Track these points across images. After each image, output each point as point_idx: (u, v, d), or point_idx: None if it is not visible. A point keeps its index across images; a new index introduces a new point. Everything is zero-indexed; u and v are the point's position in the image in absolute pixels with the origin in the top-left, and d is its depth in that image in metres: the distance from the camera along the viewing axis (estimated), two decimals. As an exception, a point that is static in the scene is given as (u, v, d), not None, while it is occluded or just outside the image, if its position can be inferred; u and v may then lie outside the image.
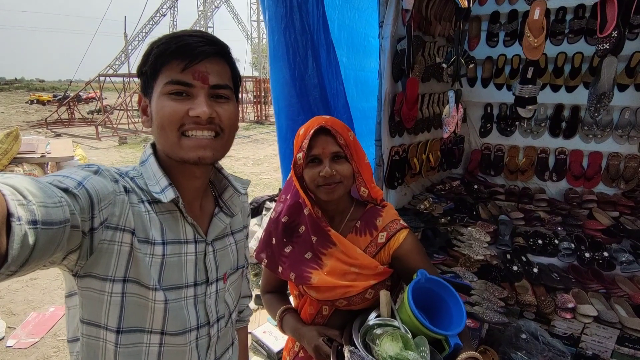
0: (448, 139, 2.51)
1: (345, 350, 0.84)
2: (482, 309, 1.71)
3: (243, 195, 0.86)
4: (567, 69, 2.32)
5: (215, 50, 0.68)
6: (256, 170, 7.86)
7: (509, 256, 1.93)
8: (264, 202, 3.55)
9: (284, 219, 1.06)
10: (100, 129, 12.51)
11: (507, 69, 2.48)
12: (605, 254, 1.80)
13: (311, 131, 0.94)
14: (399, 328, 0.85)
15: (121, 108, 14.41)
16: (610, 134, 2.29)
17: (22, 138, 4.42)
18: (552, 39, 2.18)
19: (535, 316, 1.72)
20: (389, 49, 1.82)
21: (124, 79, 17.36)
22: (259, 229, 3.27)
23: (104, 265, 0.62)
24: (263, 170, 7.87)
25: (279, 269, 1.04)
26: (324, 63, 1.79)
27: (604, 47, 1.49)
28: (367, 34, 2.10)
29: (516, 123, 2.59)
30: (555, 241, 1.95)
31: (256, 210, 3.49)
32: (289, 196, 1.08)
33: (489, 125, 2.68)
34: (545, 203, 2.32)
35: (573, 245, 1.90)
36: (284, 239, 1.06)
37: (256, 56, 29.41)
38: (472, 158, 2.79)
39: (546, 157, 2.52)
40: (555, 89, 2.37)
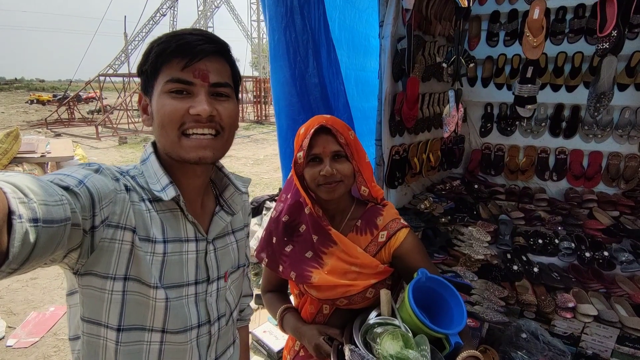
0: (448, 138, 2.51)
1: (346, 349, 0.84)
2: (483, 309, 1.71)
3: (244, 193, 0.86)
4: (567, 68, 2.32)
5: (215, 49, 0.68)
6: (256, 170, 7.86)
7: (509, 256, 1.93)
8: (264, 202, 3.56)
9: (285, 218, 1.06)
10: (100, 128, 12.51)
11: (507, 69, 2.48)
12: (606, 253, 1.80)
13: (312, 130, 0.94)
14: (399, 327, 0.85)
15: (121, 108, 14.42)
16: (611, 133, 2.29)
17: (22, 138, 4.41)
18: (552, 39, 2.18)
19: (536, 316, 1.72)
20: (389, 49, 1.82)
21: (124, 78, 17.36)
22: (259, 228, 3.27)
23: (105, 263, 0.62)
24: (263, 170, 7.87)
25: (280, 268, 1.04)
26: (325, 62, 1.79)
27: (604, 47, 1.49)
28: (368, 34, 2.10)
29: (516, 123, 2.59)
30: (556, 241, 1.95)
31: (256, 210, 3.49)
32: (289, 195, 1.08)
33: (489, 124, 2.68)
34: (546, 203, 2.32)
35: (573, 244, 1.90)
36: (285, 238, 1.06)
37: (256, 56, 29.41)
38: (473, 158, 2.79)
39: (546, 157, 2.52)
40: (555, 88, 2.37)
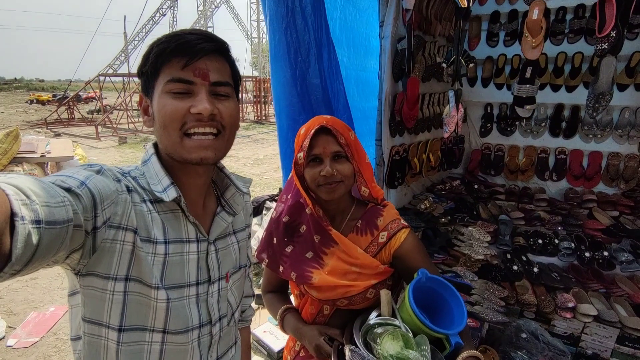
0: (448, 138, 2.51)
1: (346, 350, 0.84)
2: (483, 309, 1.71)
3: (245, 194, 0.86)
4: (567, 68, 2.33)
5: (214, 47, 0.68)
6: (256, 169, 7.86)
7: (509, 256, 1.93)
8: (264, 202, 3.56)
9: (285, 219, 1.06)
10: (100, 128, 12.50)
11: (507, 69, 2.48)
12: (605, 253, 1.80)
13: (312, 131, 0.95)
14: (399, 327, 0.85)
15: (121, 108, 14.41)
16: (610, 133, 2.29)
17: (22, 138, 4.41)
18: (552, 39, 2.19)
19: (536, 316, 1.72)
20: (389, 49, 1.82)
21: (124, 78, 17.36)
22: (259, 228, 3.27)
23: (107, 264, 0.62)
24: (263, 170, 7.87)
25: (280, 269, 1.05)
26: (326, 63, 1.79)
27: (603, 47, 1.49)
28: (368, 34, 2.10)
29: (516, 123, 2.59)
30: (555, 241, 1.95)
31: (256, 210, 3.49)
32: (289, 196, 1.08)
33: (489, 125, 2.68)
34: (545, 203, 2.32)
35: (573, 244, 1.90)
36: (285, 239, 1.06)
37: (256, 56, 29.40)
38: (473, 158, 2.79)
39: (546, 157, 2.52)
40: (555, 88, 2.37)
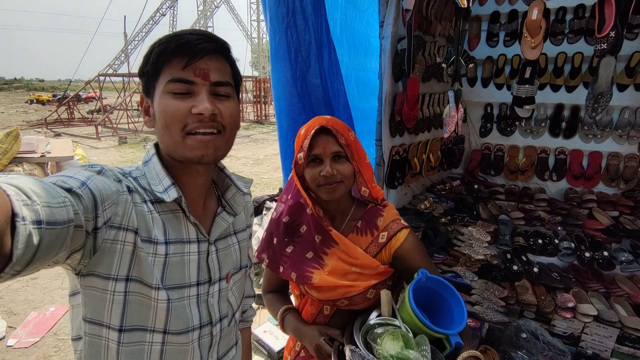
0: (448, 138, 2.51)
1: (347, 350, 0.84)
2: (483, 309, 1.72)
3: (246, 194, 0.86)
4: (567, 69, 2.33)
5: (215, 47, 0.68)
6: (256, 169, 7.86)
7: (509, 256, 1.93)
8: (264, 202, 3.56)
9: (285, 219, 1.06)
10: (100, 128, 12.50)
11: (507, 69, 2.48)
12: (605, 253, 1.80)
13: (312, 131, 0.95)
14: (400, 327, 0.85)
15: (121, 108, 14.41)
16: (610, 133, 2.29)
17: (22, 138, 4.42)
18: (552, 39, 2.19)
19: (536, 315, 1.72)
20: (389, 49, 1.82)
21: (124, 78, 17.35)
22: (259, 228, 3.27)
23: (107, 264, 0.62)
24: (263, 169, 7.87)
25: (280, 269, 1.05)
26: (326, 63, 1.79)
27: (602, 47, 1.49)
28: (368, 34, 2.10)
29: (516, 123, 2.60)
30: (555, 241, 1.95)
31: (257, 210, 3.49)
32: (290, 196, 1.08)
33: (489, 125, 2.68)
34: (545, 203, 2.32)
35: (573, 244, 1.91)
36: (285, 239, 1.06)
37: (256, 56, 29.40)
38: (473, 158, 2.79)
39: (546, 157, 2.52)
40: (555, 88, 2.37)
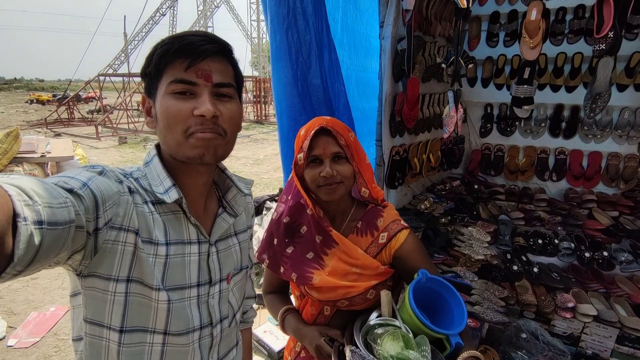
0: (448, 139, 2.52)
1: (347, 350, 0.84)
2: (483, 309, 1.72)
3: (247, 195, 0.86)
4: (567, 69, 2.33)
5: (217, 49, 0.68)
6: (256, 169, 7.86)
7: (509, 256, 1.93)
8: (264, 202, 3.56)
9: (286, 220, 1.06)
10: (100, 128, 12.50)
11: (507, 69, 2.48)
12: (605, 253, 1.80)
13: (312, 132, 0.95)
14: (400, 328, 0.85)
15: (121, 108, 14.41)
16: (610, 134, 2.29)
17: (22, 138, 4.42)
18: (552, 39, 2.19)
19: (536, 316, 1.72)
20: (389, 49, 1.82)
21: (124, 78, 17.35)
22: (260, 228, 3.27)
23: (108, 265, 0.62)
24: (263, 169, 7.87)
25: (281, 270, 1.05)
26: (327, 63, 1.79)
27: (600, 48, 1.49)
28: (369, 35, 2.10)
29: (516, 123, 2.60)
30: (555, 241, 1.96)
31: (257, 210, 3.49)
32: (290, 197, 1.08)
33: (489, 125, 2.68)
34: (545, 203, 2.32)
35: (573, 245, 1.91)
36: (286, 240, 1.06)
37: (256, 56, 29.40)
38: (473, 158, 2.80)
39: (546, 157, 2.53)
40: (555, 89, 2.37)
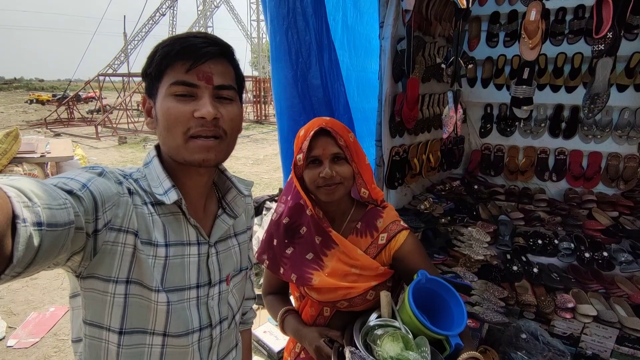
0: (448, 139, 2.51)
1: (347, 351, 0.84)
2: (482, 309, 1.72)
3: (247, 196, 0.86)
4: (567, 69, 2.33)
5: (219, 51, 0.68)
6: (256, 170, 7.86)
7: (509, 256, 1.93)
8: (264, 202, 3.56)
9: (285, 220, 1.06)
10: (99, 128, 12.50)
11: (507, 70, 2.48)
12: (605, 254, 1.80)
13: (311, 132, 0.95)
14: (399, 328, 0.85)
15: (121, 108, 14.40)
16: (610, 134, 2.30)
17: (22, 138, 4.41)
18: (552, 40, 2.19)
19: (535, 316, 1.72)
20: (389, 50, 1.82)
21: (124, 78, 17.36)
22: (259, 229, 3.27)
23: (107, 267, 0.62)
24: (263, 170, 7.87)
25: (281, 270, 1.05)
26: (327, 64, 1.79)
27: (599, 48, 1.49)
28: (369, 35, 2.10)
29: (516, 123, 2.60)
30: (555, 241, 1.95)
31: (256, 210, 3.49)
32: (289, 197, 1.08)
33: (488, 125, 2.68)
34: (545, 203, 2.32)
35: (573, 245, 1.91)
36: (285, 240, 1.06)
37: (256, 56, 29.40)
38: (472, 158, 2.80)
39: (546, 158, 2.53)
40: (555, 89, 2.37)
